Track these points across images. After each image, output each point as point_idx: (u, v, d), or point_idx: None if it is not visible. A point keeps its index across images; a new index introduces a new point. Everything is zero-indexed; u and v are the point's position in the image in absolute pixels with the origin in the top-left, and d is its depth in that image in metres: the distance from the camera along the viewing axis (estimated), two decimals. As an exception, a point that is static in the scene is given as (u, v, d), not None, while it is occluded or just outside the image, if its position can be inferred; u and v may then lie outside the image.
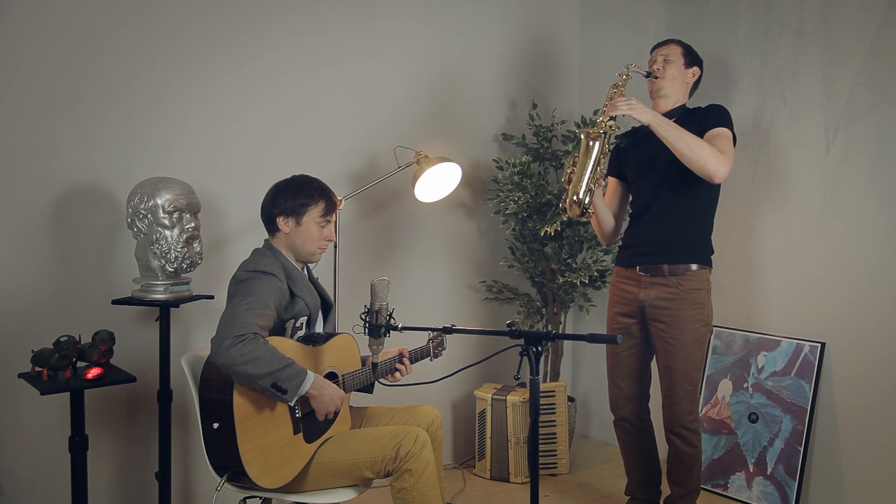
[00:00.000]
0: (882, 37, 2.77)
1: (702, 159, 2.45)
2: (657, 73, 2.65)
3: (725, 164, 2.47)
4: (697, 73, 2.71)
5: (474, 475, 3.43)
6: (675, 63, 2.65)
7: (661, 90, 2.66)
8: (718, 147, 2.49)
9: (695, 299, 2.58)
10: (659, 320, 2.61)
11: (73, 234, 2.61)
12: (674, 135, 2.47)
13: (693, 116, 2.63)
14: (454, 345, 3.29)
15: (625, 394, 2.77)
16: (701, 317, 2.60)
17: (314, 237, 2.28)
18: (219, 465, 2.06)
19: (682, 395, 2.60)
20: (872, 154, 2.82)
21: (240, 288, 2.11)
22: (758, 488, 3.02)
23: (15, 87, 2.49)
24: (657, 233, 2.63)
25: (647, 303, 2.63)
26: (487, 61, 3.68)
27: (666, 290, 2.59)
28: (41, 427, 2.54)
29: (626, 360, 2.75)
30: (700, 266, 2.61)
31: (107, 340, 2.31)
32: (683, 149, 2.46)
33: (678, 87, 2.66)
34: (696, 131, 2.55)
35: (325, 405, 2.12)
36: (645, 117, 2.48)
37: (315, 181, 2.32)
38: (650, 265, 2.62)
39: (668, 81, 2.65)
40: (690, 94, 2.74)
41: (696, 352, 2.60)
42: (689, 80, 2.70)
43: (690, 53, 2.71)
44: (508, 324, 1.85)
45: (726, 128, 2.55)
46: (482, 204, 3.65)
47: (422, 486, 2.11)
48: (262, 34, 2.97)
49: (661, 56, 2.67)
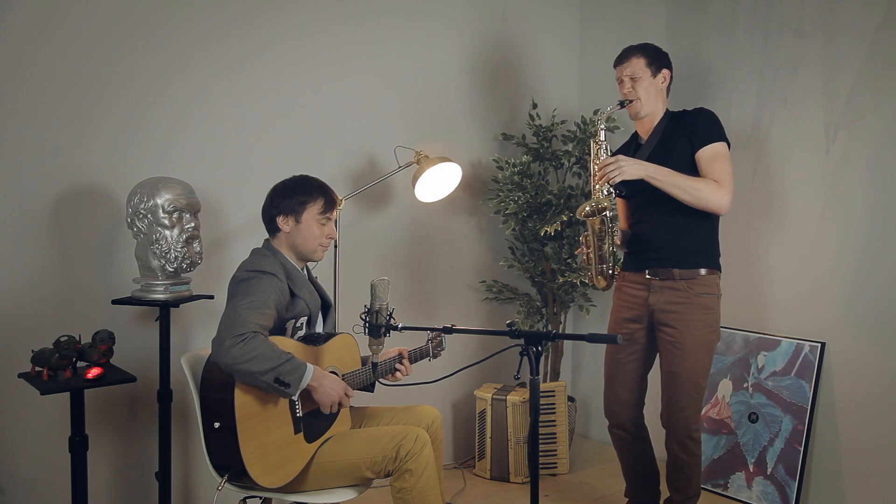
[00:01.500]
0: (882, 37, 2.77)
1: (703, 201, 2.47)
2: (629, 97, 2.60)
3: (726, 194, 2.48)
4: (668, 75, 2.64)
5: (474, 475, 3.43)
6: (642, 78, 2.59)
7: (639, 112, 2.62)
8: (715, 175, 2.48)
9: (704, 304, 2.55)
10: (667, 324, 2.57)
11: (73, 234, 2.61)
12: (670, 182, 2.47)
13: (681, 122, 2.59)
14: (454, 345, 3.29)
15: (622, 400, 2.72)
16: (710, 322, 2.56)
17: (314, 235, 2.28)
18: (219, 464, 2.06)
19: (687, 402, 2.56)
20: (872, 154, 2.82)
21: (240, 288, 2.11)
22: (758, 488, 3.03)
23: (15, 87, 2.49)
24: (665, 238, 2.59)
25: (655, 307, 2.59)
26: (487, 61, 3.68)
27: (676, 294, 2.55)
28: (41, 427, 2.54)
29: (626, 367, 2.69)
30: (709, 271, 2.57)
31: (107, 340, 2.31)
32: (683, 195, 2.47)
33: (654, 100, 2.61)
34: (687, 143, 2.53)
35: (328, 395, 2.11)
36: (637, 174, 2.47)
37: (313, 179, 2.32)
38: (660, 269, 2.59)
39: (643, 101, 2.59)
40: (667, 93, 2.69)
41: (704, 358, 2.56)
42: (661, 87, 2.63)
43: (654, 59, 2.61)
44: (508, 324, 1.85)
45: (719, 141, 2.52)
46: (482, 204, 3.65)
47: (422, 486, 2.11)
48: (262, 34, 2.97)
49: (626, 77, 2.61)
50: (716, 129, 2.55)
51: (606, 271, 2.62)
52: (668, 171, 2.48)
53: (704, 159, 2.51)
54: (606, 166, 2.48)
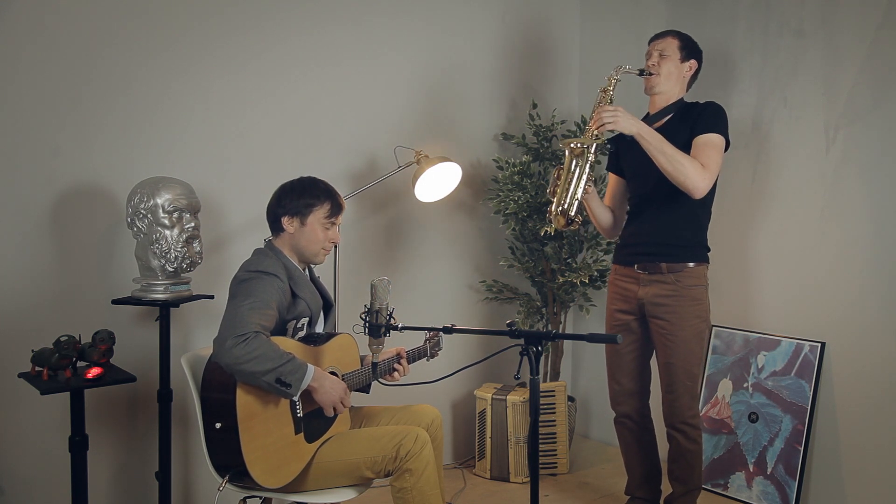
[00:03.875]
0: (882, 37, 2.77)
1: (682, 175, 2.45)
2: (652, 70, 2.63)
3: (707, 179, 2.47)
4: (695, 66, 2.69)
5: (474, 475, 3.43)
6: (671, 58, 2.63)
7: (654, 87, 2.65)
8: (702, 159, 2.48)
9: (693, 295, 2.59)
10: (658, 317, 2.62)
11: (73, 234, 2.61)
12: (657, 147, 2.47)
13: (690, 112, 2.62)
14: (454, 345, 3.29)
15: (626, 390, 2.77)
16: (699, 312, 2.61)
17: (318, 238, 2.28)
18: (220, 465, 2.06)
19: (682, 390, 2.62)
20: (872, 154, 2.82)
21: (241, 288, 2.11)
22: (758, 488, 3.03)
23: (15, 87, 2.49)
24: (654, 232, 2.64)
25: (646, 300, 2.64)
26: (487, 61, 3.68)
27: (664, 287, 2.60)
28: (41, 427, 2.54)
29: (626, 357, 2.75)
30: (697, 263, 2.62)
31: (107, 340, 2.31)
32: (665, 163, 2.47)
33: (673, 83, 2.65)
34: (688, 129, 2.55)
35: (329, 396, 2.11)
36: (630, 129, 2.47)
37: (321, 182, 2.32)
38: (648, 263, 2.63)
39: (663, 78, 2.63)
40: (689, 86, 2.72)
41: (696, 347, 2.61)
42: (685, 75, 2.68)
43: (688, 46, 2.67)
44: (508, 323, 1.85)
45: (718, 133, 2.53)
46: (482, 204, 3.65)
47: (422, 485, 2.11)
48: (262, 34, 2.97)
49: (656, 51, 2.65)
50: (719, 121, 2.56)
51: (567, 211, 2.54)
52: (660, 137, 2.49)
53: (698, 145, 2.53)
54: (605, 112, 2.49)
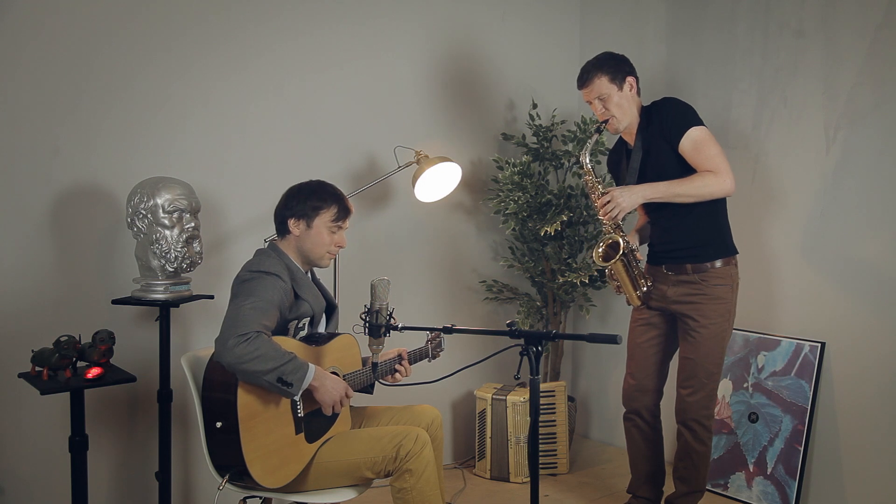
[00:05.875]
0: (882, 37, 2.77)
1: (708, 195, 2.50)
2: (604, 117, 2.59)
3: (725, 176, 2.49)
4: (633, 81, 2.62)
5: (474, 475, 3.43)
6: (611, 95, 2.57)
7: (618, 128, 2.62)
8: (706, 163, 2.49)
9: (717, 294, 2.59)
10: (684, 314, 2.63)
11: (73, 234, 2.61)
12: (671, 195, 2.50)
13: (653, 120, 2.58)
14: (454, 345, 3.29)
15: (641, 386, 2.76)
16: (723, 312, 2.60)
17: (324, 242, 2.28)
18: (221, 464, 2.06)
19: (698, 387, 2.62)
20: (872, 154, 2.82)
21: (243, 288, 2.11)
22: (758, 488, 3.03)
23: (15, 87, 2.49)
24: (675, 237, 2.63)
25: (673, 299, 2.65)
26: (487, 61, 3.68)
27: (691, 287, 2.61)
28: (41, 427, 2.54)
29: (647, 352, 2.75)
30: (724, 261, 2.61)
31: (107, 340, 2.31)
32: (687, 199, 2.51)
33: (628, 109, 2.60)
34: (665, 143, 2.53)
35: (329, 395, 2.11)
36: (635, 203, 2.51)
37: (329, 186, 2.32)
38: (674, 265, 2.64)
39: (618, 116, 2.58)
40: (639, 94, 2.66)
41: (717, 347, 2.61)
42: (631, 94, 2.61)
43: (614, 70, 2.57)
44: (508, 324, 1.85)
45: (694, 127, 2.50)
46: (482, 204, 3.65)
47: (422, 486, 2.11)
48: (262, 34, 2.97)
49: (594, 99, 2.59)
50: (685, 117, 2.53)
51: (641, 288, 2.66)
52: (664, 184, 2.50)
53: (688, 151, 2.52)
54: (605, 206, 2.51)
